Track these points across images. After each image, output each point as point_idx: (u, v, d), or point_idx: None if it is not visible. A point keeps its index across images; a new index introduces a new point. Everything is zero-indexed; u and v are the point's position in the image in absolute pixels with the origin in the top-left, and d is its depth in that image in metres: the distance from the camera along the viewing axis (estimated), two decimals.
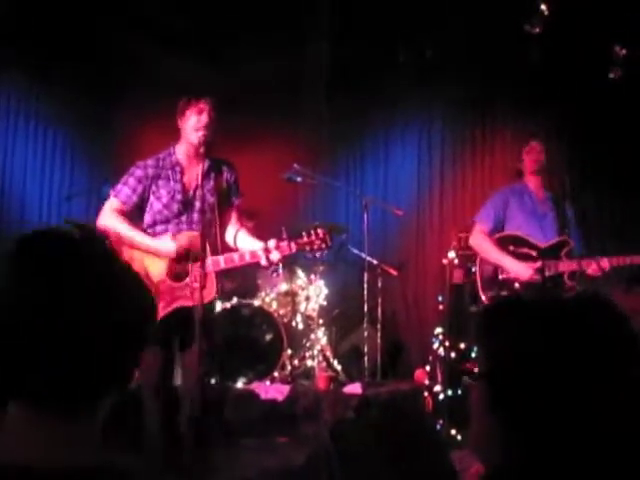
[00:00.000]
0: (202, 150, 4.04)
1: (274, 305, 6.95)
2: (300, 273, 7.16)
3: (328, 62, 7.90)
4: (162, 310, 3.90)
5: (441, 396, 6.19)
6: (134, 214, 4.18)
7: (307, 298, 7.08)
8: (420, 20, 7.31)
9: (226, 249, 4.13)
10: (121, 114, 7.99)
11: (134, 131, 7.97)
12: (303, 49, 7.90)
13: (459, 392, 6.19)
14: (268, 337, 6.66)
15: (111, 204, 4.17)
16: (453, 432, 5.65)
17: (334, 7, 7.40)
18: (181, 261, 3.96)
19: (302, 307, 7.06)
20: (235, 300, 6.67)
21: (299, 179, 6.85)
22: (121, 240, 4.02)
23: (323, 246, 3.98)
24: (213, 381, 5.99)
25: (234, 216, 4.28)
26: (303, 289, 7.11)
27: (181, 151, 4.19)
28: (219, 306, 6.41)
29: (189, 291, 3.81)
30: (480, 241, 4.96)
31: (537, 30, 6.25)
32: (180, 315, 3.87)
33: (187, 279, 3.89)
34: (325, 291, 7.17)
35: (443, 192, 8.15)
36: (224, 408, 5.45)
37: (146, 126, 7.89)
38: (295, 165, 6.80)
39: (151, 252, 4.00)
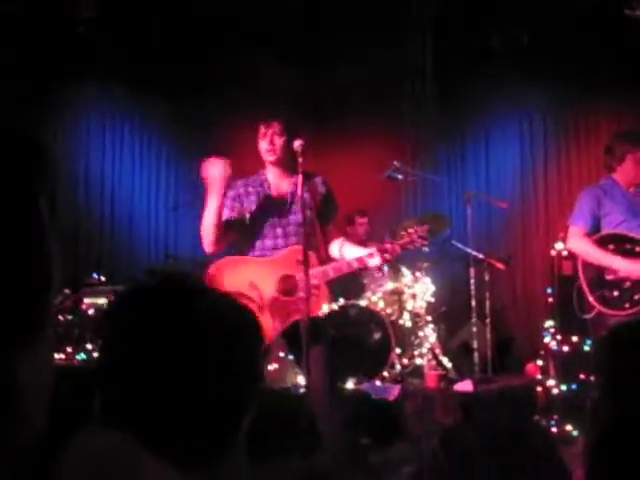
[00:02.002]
0: (283, 168, 4.15)
1: (381, 304, 6.95)
2: (405, 271, 7.13)
3: (428, 58, 7.86)
4: (280, 327, 3.98)
5: (555, 391, 6.07)
6: (236, 231, 4.26)
7: (414, 296, 7.04)
8: (516, 6, 7.19)
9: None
10: (223, 123, 8.15)
11: (236, 139, 8.12)
12: (401, 46, 7.87)
13: (573, 387, 6.06)
14: (376, 336, 6.67)
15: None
16: (568, 428, 5.54)
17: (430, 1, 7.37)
18: (287, 279, 4.03)
19: (409, 305, 7.02)
20: (342, 301, 6.71)
21: (400, 176, 6.85)
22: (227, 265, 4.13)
23: (425, 243, 4.02)
24: None
25: (334, 228, 4.32)
26: (409, 287, 7.08)
27: (269, 172, 4.28)
28: (326, 308, 6.46)
29: (300, 305, 3.87)
30: (579, 243, 4.73)
31: (639, 13, 6.04)
32: (294, 329, 3.94)
33: (298, 293, 3.95)
34: (432, 288, 7.12)
35: (547, 182, 8.00)
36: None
37: (249, 135, 8.03)
38: (395, 162, 6.79)
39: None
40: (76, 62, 7.40)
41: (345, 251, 4.18)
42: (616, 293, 4.56)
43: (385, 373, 6.49)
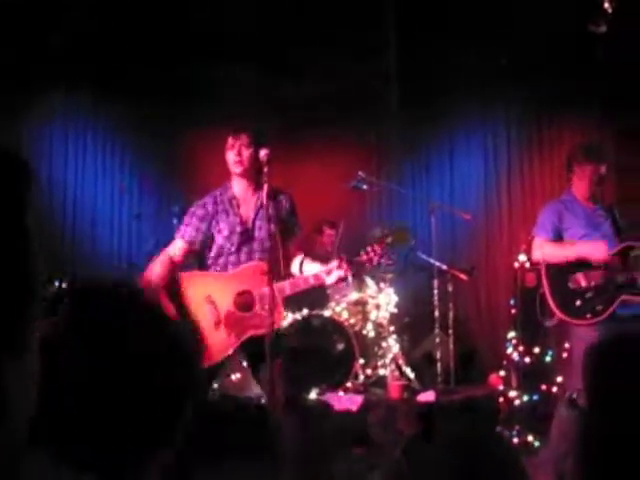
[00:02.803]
0: (250, 181, 4.14)
1: (344, 315, 6.94)
2: (369, 282, 7.14)
3: (393, 70, 7.90)
4: (235, 341, 3.98)
5: (517, 402, 6.11)
6: (201, 252, 4.24)
7: (377, 306, 7.06)
8: (488, 26, 7.27)
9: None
10: (188, 133, 8.11)
11: (201, 151, 8.11)
12: (368, 59, 7.92)
13: (535, 397, 6.11)
14: (340, 347, 6.66)
15: (175, 246, 4.24)
16: (530, 438, 5.58)
17: (399, 16, 7.42)
18: (244, 294, 4.03)
19: (373, 315, 7.03)
20: (305, 311, 6.69)
21: (365, 187, 6.87)
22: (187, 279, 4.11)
23: (382, 260, 4.05)
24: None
25: (295, 244, 4.32)
26: (373, 297, 7.09)
27: (235, 184, 4.25)
28: (290, 318, 6.46)
29: (258, 320, 3.88)
30: (543, 248, 4.76)
31: (602, 29, 6.12)
32: (251, 344, 3.94)
33: (255, 308, 3.96)
34: (395, 298, 7.14)
35: (511, 194, 8.08)
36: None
37: (213, 145, 8.02)
38: (360, 173, 6.81)
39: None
40: (42, 69, 7.35)
41: (305, 267, 4.18)
42: (578, 302, 4.58)
43: (348, 383, 6.48)
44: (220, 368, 4.22)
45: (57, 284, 6.85)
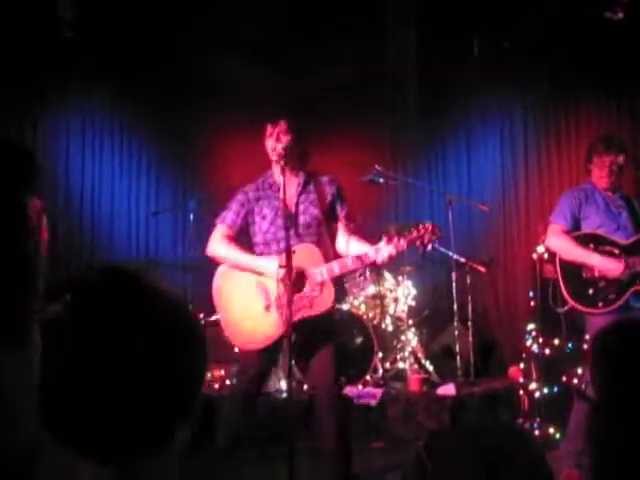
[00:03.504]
0: (284, 163, 4.08)
1: (363, 308, 6.94)
2: (387, 275, 7.13)
3: (409, 61, 7.87)
4: (285, 324, 3.98)
5: (537, 394, 6.08)
6: (242, 238, 4.27)
7: (396, 300, 7.05)
8: (496, 11, 7.22)
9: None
10: (204, 129, 8.13)
11: (217, 146, 8.12)
12: (383, 51, 7.88)
13: (555, 389, 6.07)
14: (358, 341, 6.65)
15: (218, 231, 4.26)
16: (551, 430, 5.55)
17: (411, 6, 7.38)
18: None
19: (391, 309, 7.03)
20: None
21: (381, 180, 6.84)
22: (234, 265, 4.15)
23: (434, 238, 3.93)
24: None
25: (343, 226, 4.29)
26: (391, 291, 7.08)
27: (276, 171, 4.26)
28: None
29: (308, 301, 3.87)
30: (560, 241, 4.73)
31: (619, 16, 6.07)
32: (303, 326, 3.92)
33: (305, 290, 3.94)
34: (413, 292, 7.13)
35: (529, 185, 8.02)
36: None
37: (229, 140, 8.03)
38: (376, 166, 6.79)
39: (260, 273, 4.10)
40: (59, 65, 7.37)
41: (351, 247, 4.15)
42: (591, 291, 4.57)
43: (367, 377, 6.48)
44: (277, 355, 4.21)
45: None
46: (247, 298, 4.07)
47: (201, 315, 6.31)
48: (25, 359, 1.10)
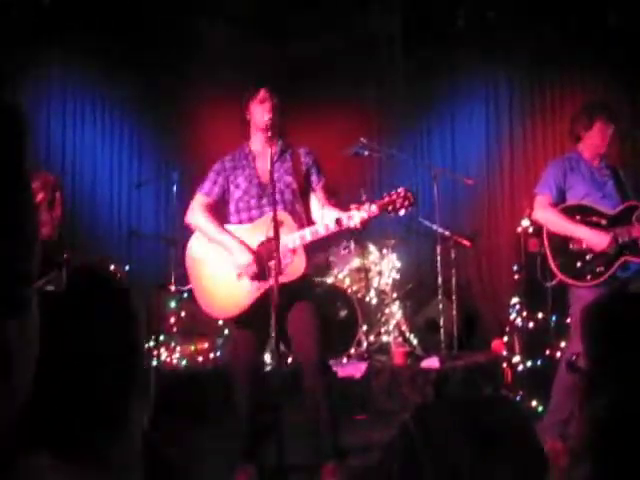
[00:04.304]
0: (270, 134, 4.12)
1: (347, 282, 6.93)
2: (372, 248, 7.12)
3: (394, 32, 7.81)
4: (256, 292, 3.99)
5: (520, 367, 6.10)
6: (220, 206, 4.31)
7: (380, 273, 7.04)
8: None
9: None
10: (187, 98, 8.03)
11: (201, 115, 8.02)
12: (367, 21, 7.82)
13: (538, 363, 6.09)
14: (343, 314, 6.64)
15: (197, 200, 4.32)
16: (534, 404, 5.57)
17: None
18: (263, 253, 4.02)
19: (375, 282, 7.02)
20: None
21: (366, 153, 6.81)
22: (207, 236, 4.19)
23: (406, 203, 3.88)
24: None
25: (319, 197, 4.27)
26: (376, 264, 7.08)
27: (254, 141, 4.31)
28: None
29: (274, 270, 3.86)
30: (546, 213, 4.70)
31: None
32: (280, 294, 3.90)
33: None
34: (398, 265, 7.13)
35: (513, 159, 8.00)
36: None
37: (212, 110, 7.93)
38: (362, 139, 6.75)
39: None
40: (39, 33, 7.24)
41: (325, 215, 4.12)
42: (579, 264, 4.56)
43: (352, 350, 6.48)
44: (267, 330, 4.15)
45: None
46: (219, 266, 4.09)
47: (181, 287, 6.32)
48: (29, 329, 1.09)
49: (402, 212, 3.88)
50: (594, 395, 1.29)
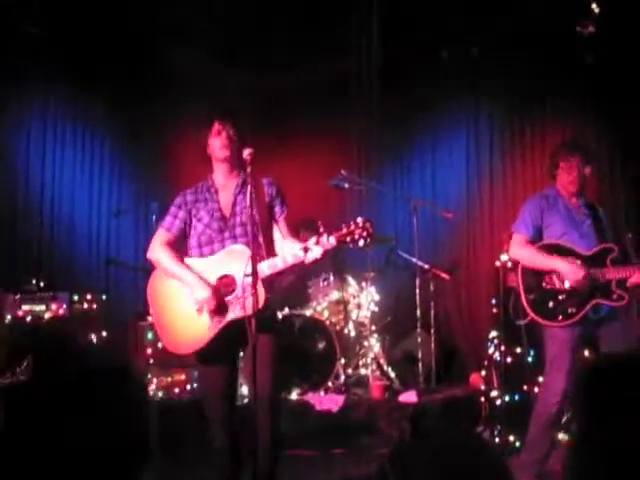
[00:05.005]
0: (232, 166, 4.12)
1: (326, 314, 6.91)
2: (351, 281, 7.12)
3: (376, 64, 7.87)
4: (216, 327, 3.94)
5: (498, 401, 6.10)
6: (181, 240, 4.23)
7: (359, 306, 7.03)
8: (466, 19, 7.25)
9: None
10: (168, 129, 8.02)
11: (181, 146, 8.01)
12: (349, 54, 7.87)
13: (516, 397, 6.09)
14: (321, 346, 6.61)
15: (157, 236, 4.26)
16: (511, 438, 5.57)
17: (379, 11, 7.38)
18: (225, 278, 3.99)
19: (354, 315, 7.01)
20: (287, 310, 6.65)
21: (346, 185, 6.83)
22: (168, 273, 4.12)
23: (364, 234, 3.79)
24: None
25: (282, 228, 4.25)
26: (355, 297, 7.07)
27: (217, 174, 4.25)
28: None
29: (238, 303, 3.82)
30: (522, 250, 4.72)
31: (590, 30, 6.11)
32: (234, 328, 3.87)
33: (235, 293, 3.90)
34: (377, 298, 7.12)
35: (493, 193, 8.05)
36: None
37: (192, 140, 7.92)
38: (342, 171, 6.77)
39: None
40: (19, 61, 7.25)
41: (285, 247, 4.11)
42: (551, 303, 4.56)
43: (329, 383, 6.44)
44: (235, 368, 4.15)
45: (34, 282, 6.77)
46: (180, 300, 4.04)
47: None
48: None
49: (361, 243, 3.85)
50: (586, 459, 1.28)
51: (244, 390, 5.61)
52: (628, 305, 4.60)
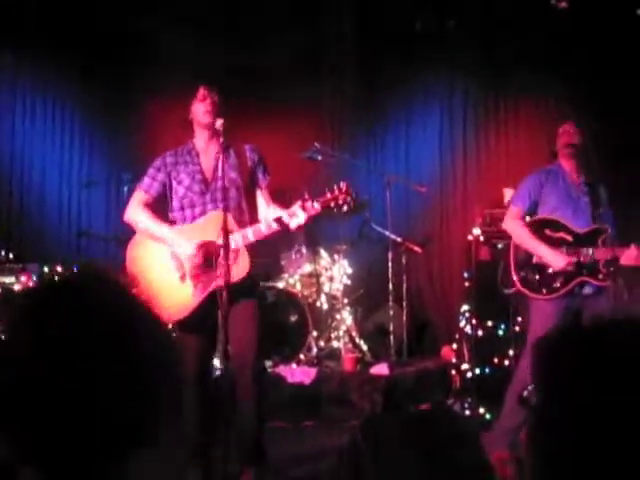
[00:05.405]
0: (214, 132, 4.10)
1: (298, 286, 6.92)
2: (323, 253, 7.11)
3: (350, 38, 7.82)
4: (200, 295, 3.94)
5: (469, 374, 6.15)
6: (159, 203, 4.23)
7: (331, 278, 7.04)
8: None
9: None
10: (139, 100, 7.93)
11: (153, 117, 7.92)
12: (324, 25, 7.81)
13: (487, 370, 6.15)
14: (293, 319, 6.63)
15: (136, 197, 4.26)
16: (481, 411, 5.62)
17: None
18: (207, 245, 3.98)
19: (326, 287, 7.02)
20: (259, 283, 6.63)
21: (320, 157, 6.81)
22: (147, 233, 4.13)
23: (348, 199, 3.92)
24: None
25: (265, 196, 4.25)
26: (327, 269, 7.07)
27: (198, 138, 4.27)
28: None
29: (222, 270, 3.78)
30: (514, 227, 4.80)
31: (563, 5, 6.11)
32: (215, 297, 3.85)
33: (219, 258, 3.88)
34: (349, 270, 7.13)
35: (467, 167, 8.05)
36: None
37: (165, 112, 7.86)
38: (316, 144, 6.75)
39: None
40: None
41: (269, 214, 4.10)
42: (538, 277, 4.65)
43: (302, 356, 6.46)
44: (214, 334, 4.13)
45: (3, 253, 6.70)
46: (161, 269, 4.03)
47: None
48: None
49: (345, 208, 3.89)
50: (543, 431, 1.26)
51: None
52: (615, 286, 4.69)
